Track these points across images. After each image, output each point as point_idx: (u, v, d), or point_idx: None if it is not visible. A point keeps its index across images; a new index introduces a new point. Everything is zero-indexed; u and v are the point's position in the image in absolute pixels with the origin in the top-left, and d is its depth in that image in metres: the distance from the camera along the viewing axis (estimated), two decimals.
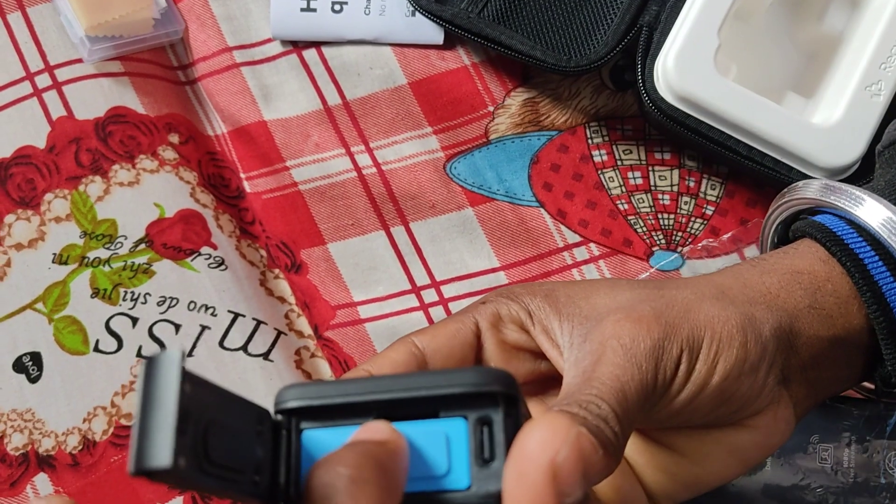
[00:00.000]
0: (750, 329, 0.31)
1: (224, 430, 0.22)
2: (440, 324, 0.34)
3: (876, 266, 0.34)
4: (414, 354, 0.33)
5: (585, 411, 0.27)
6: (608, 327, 0.30)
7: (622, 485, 0.33)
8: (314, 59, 0.55)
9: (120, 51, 0.54)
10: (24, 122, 0.54)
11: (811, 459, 0.42)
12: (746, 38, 0.52)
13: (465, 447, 0.24)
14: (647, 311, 0.30)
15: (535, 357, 0.34)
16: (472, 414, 0.24)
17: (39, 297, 0.52)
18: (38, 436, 0.51)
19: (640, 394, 0.29)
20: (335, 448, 0.24)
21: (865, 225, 0.35)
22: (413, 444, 0.24)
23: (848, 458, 0.42)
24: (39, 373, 0.52)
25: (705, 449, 0.33)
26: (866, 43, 0.49)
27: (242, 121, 0.56)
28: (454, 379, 0.24)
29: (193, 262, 0.54)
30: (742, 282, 0.34)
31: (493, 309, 0.34)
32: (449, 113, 0.55)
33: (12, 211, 0.53)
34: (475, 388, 0.24)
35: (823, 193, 0.38)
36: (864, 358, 0.35)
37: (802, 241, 0.37)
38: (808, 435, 0.42)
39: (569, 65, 0.51)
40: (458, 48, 0.55)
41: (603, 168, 0.55)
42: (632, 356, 0.29)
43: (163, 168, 0.54)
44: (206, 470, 0.21)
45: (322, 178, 0.55)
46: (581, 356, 0.30)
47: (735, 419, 0.32)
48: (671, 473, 0.33)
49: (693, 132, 0.49)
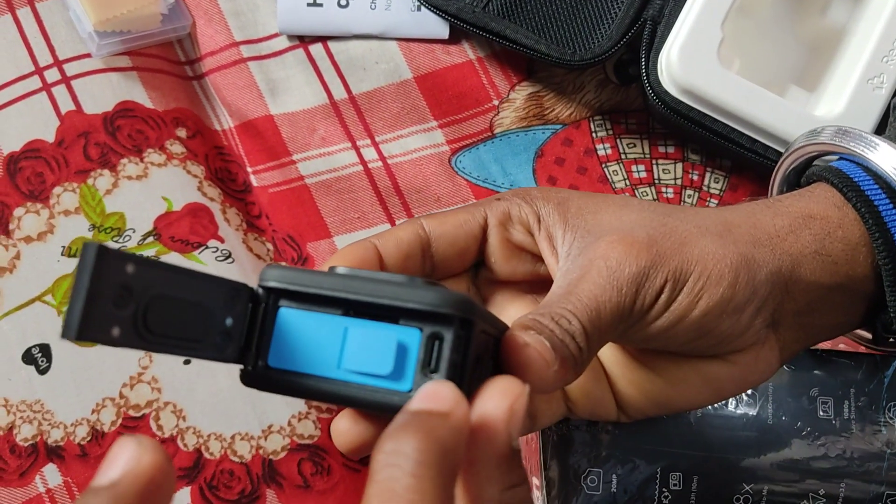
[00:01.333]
0: (744, 270, 0.31)
1: (176, 303, 0.25)
2: (450, 212, 0.35)
3: (890, 213, 0.34)
4: (419, 235, 0.34)
5: (555, 324, 0.29)
6: (601, 246, 0.31)
7: (592, 390, 0.34)
8: (320, 54, 0.56)
9: (128, 46, 0.55)
10: (33, 116, 0.54)
11: (812, 412, 0.42)
12: (749, 31, 0.53)
13: (415, 356, 0.26)
14: (642, 237, 0.31)
15: (536, 259, 0.35)
16: (428, 328, 0.26)
17: (48, 289, 0.53)
18: (47, 427, 0.52)
19: (615, 315, 0.30)
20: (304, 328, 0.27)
21: (878, 170, 0.35)
22: (368, 341, 0.27)
23: (848, 409, 0.42)
24: (48, 364, 0.52)
25: (681, 374, 0.33)
26: (869, 36, 0.49)
27: (249, 115, 0.56)
28: (420, 296, 0.26)
29: (201, 255, 0.54)
30: (752, 221, 0.34)
31: (504, 207, 0.34)
32: (454, 107, 0.55)
33: (22, 204, 0.54)
34: (434, 307, 0.26)
35: (836, 138, 0.37)
36: (864, 305, 0.35)
37: (818, 184, 0.36)
38: (808, 388, 0.42)
39: (573, 58, 0.52)
40: (464, 42, 0.55)
41: (607, 162, 0.55)
42: (615, 279, 0.30)
43: (170, 162, 0.55)
44: (147, 338, 0.25)
45: (328, 171, 0.55)
46: (572, 268, 0.31)
47: (715, 352, 0.33)
48: (644, 390, 0.34)
49: (697, 125, 0.50)
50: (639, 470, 0.42)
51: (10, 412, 0.52)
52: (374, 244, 0.33)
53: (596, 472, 0.43)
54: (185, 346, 0.26)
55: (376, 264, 0.33)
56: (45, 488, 0.51)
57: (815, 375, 0.43)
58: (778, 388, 0.43)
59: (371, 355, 0.27)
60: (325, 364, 0.27)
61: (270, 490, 0.51)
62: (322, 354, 0.27)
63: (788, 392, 0.43)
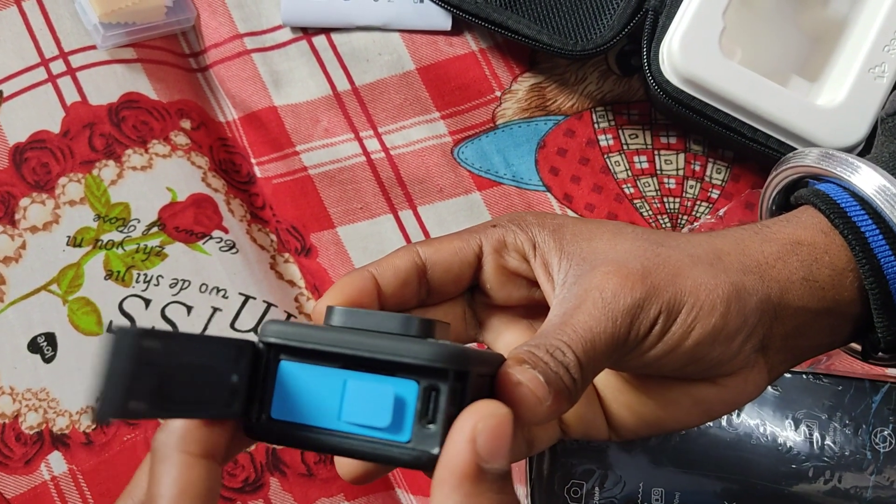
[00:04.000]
0: (735, 300, 0.32)
1: (190, 368, 0.26)
2: (445, 238, 0.35)
3: (875, 239, 0.35)
4: (416, 263, 0.34)
5: (550, 356, 0.29)
6: (597, 277, 0.32)
7: (585, 413, 0.35)
8: (324, 46, 0.56)
9: (133, 38, 0.55)
10: (38, 107, 0.55)
11: (797, 436, 0.43)
12: (751, 21, 0.53)
13: (413, 408, 0.27)
14: (636, 269, 0.32)
15: (531, 285, 0.36)
16: (424, 381, 0.27)
17: (54, 278, 0.53)
18: (52, 415, 0.52)
19: (610, 346, 0.31)
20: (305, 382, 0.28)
21: (862, 193, 0.36)
22: (366, 394, 0.28)
23: (833, 433, 0.42)
24: (54, 353, 0.53)
25: (672, 396, 0.34)
26: (870, 26, 0.49)
27: (253, 107, 0.56)
28: (416, 351, 0.27)
29: (205, 245, 0.54)
30: (741, 248, 0.34)
31: (500, 235, 0.35)
32: (456, 98, 0.55)
33: (27, 194, 0.54)
34: (429, 362, 0.27)
35: (821, 161, 0.38)
36: (851, 326, 0.36)
37: (805, 209, 0.37)
38: (794, 411, 0.43)
39: (575, 49, 0.52)
40: (466, 34, 0.56)
41: (609, 152, 0.55)
42: (610, 310, 0.31)
43: (175, 153, 0.55)
44: (165, 407, 0.25)
45: (331, 162, 0.56)
46: (568, 296, 0.32)
47: (705, 376, 0.34)
48: (636, 412, 0.35)
49: (698, 114, 0.50)
50: (622, 484, 0.43)
51: (15, 400, 0.52)
52: (372, 274, 0.34)
53: (579, 483, 0.43)
54: (197, 407, 0.27)
55: (374, 295, 0.34)
56: (51, 476, 0.52)
57: (801, 399, 0.43)
58: (764, 410, 0.43)
59: (370, 408, 0.27)
60: (326, 416, 0.28)
61: (274, 478, 0.51)
62: (323, 406, 0.28)
63: (774, 414, 0.43)
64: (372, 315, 0.29)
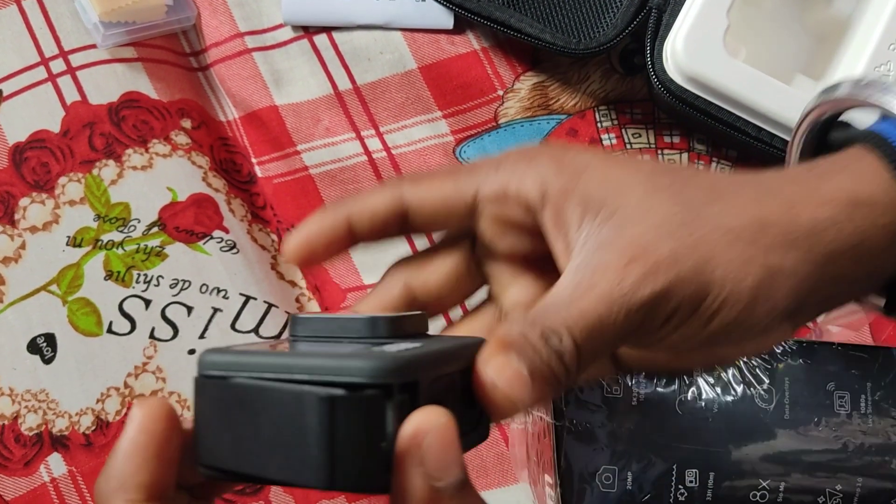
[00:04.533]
0: (766, 286, 0.29)
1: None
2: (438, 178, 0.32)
3: None
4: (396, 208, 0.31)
5: (543, 342, 0.27)
6: (619, 260, 0.28)
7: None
8: (325, 45, 0.56)
9: (133, 37, 0.55)
10: (38, 106, 0.54)
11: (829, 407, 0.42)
12: (755, 19, 0.52)
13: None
14: (664, 255, 0.28)
15: (532, 235, 0.31)
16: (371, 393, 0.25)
17: (54, 279, 0.53)
18: (52, 416, 0.52)
19: (617, 336, 0.28)
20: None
21: None
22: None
23: (865, 403, 0.42)
24: (53, 354, 0.52)
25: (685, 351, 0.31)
26: (875, 23, 0.49)
27: (254, 106, 0.56)
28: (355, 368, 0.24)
29: (206, 245, 0.54)
30: (791, 216, 0.30)
31: (502, 181, 0.31)
32: (458, 97, 0.55)
33: (27, 194, 0.54)
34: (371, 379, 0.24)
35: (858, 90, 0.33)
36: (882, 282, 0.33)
37: (861, 155, 0.32)
38: (825, 383, 0.42)
39: (578, 47, 0.51)
40: (468, 33, 0.55)
41: (612, 151, 0.55)
42: (625, 301, 0.28)
43: (175, 153, 0.55)
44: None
45: (332, 162, 0.55)
46: (583, 265, 0.29)
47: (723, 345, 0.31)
48: (646, 357, 0.32)
49: (702, 113, 0.50)
50: (654, 466, 0.42)
51: (15, 401, 0.52)
52: (347, 217, 0.31)
53: (611, 469, 0.42)
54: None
55: (346, 240, 0.31)
56: (50, 477, 0.51)
57: (830, 370, 0.42)
58: (794, 384, 0.42)
59: None
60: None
61: None
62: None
63: (805, 387, 0.42)
64: (335, 320, 0.27)
